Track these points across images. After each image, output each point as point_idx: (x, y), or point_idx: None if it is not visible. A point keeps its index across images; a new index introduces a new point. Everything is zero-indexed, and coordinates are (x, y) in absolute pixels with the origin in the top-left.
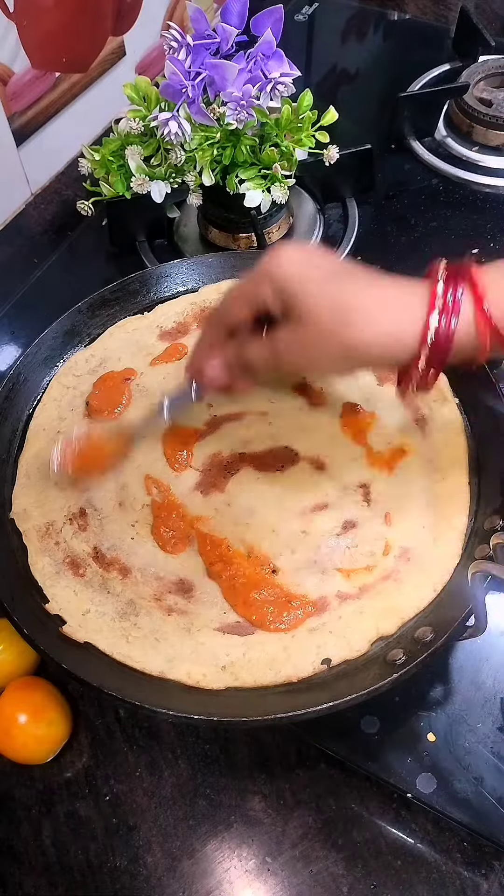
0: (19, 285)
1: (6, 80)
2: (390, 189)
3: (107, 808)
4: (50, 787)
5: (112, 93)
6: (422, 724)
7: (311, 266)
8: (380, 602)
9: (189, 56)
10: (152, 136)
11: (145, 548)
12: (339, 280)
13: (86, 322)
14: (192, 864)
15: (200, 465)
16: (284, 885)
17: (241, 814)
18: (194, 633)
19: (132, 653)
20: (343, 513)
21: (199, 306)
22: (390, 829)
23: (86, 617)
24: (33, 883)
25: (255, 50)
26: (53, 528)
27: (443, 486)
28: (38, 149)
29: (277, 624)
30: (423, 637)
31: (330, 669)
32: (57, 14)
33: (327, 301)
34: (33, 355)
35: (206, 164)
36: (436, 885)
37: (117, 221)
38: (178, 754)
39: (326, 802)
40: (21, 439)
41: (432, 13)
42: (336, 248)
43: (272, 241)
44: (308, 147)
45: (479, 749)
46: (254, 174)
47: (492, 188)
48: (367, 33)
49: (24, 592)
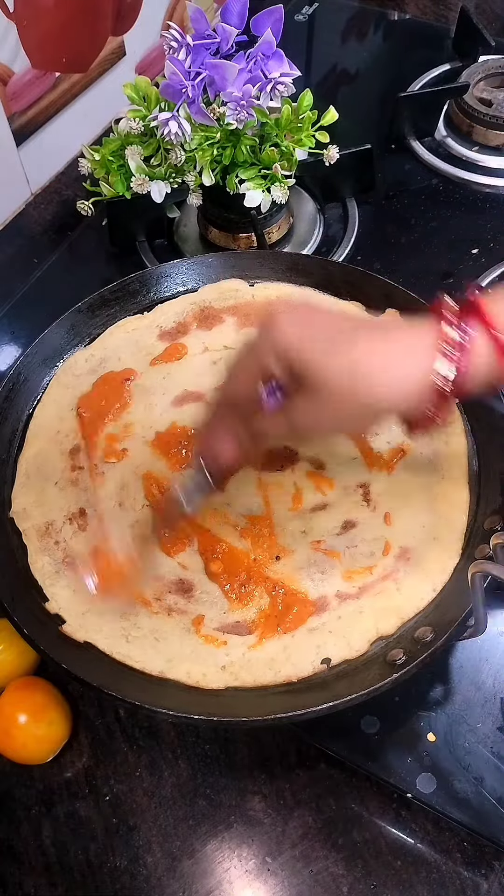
0: (19, 285)
1: (6, 80)
2: (390, 189)
3: (107, 808)
4: (50, 787)
5: (112, 93)
6: (422, 724)
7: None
8: (380, 602)
9: (189, 56)
10: (152, 136)
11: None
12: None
13: (86, 322)
14: (192, 864)
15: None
16: (284, 885)
17: (241, 814)
18: (194, 633)
19: (132, 652)
20: (343, 513)
21: (199, 306)
22: (390, 829)
23: (85, 616)
24: (33, 883)
25: (255, 50)
26: (53, 527)
27: (443, 486)
28: (38, 149)
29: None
30: (423, 637)
31: (330, 669)
32: (57, 14)
33: (340, 365)
34: (33, 355)
35: (206, 164)
36: (436, 885)
37: (117, 221)
38: (178, 754)
39: (326, 802)
40: (21, 439)
41: (432, 13)
42: (336, 248)
43: (272, 241)
44: (308, 147)
45: (479, 749)
46: (254, 174)
47: (492, 188)
48: (367, 33)
49: (23, 592)
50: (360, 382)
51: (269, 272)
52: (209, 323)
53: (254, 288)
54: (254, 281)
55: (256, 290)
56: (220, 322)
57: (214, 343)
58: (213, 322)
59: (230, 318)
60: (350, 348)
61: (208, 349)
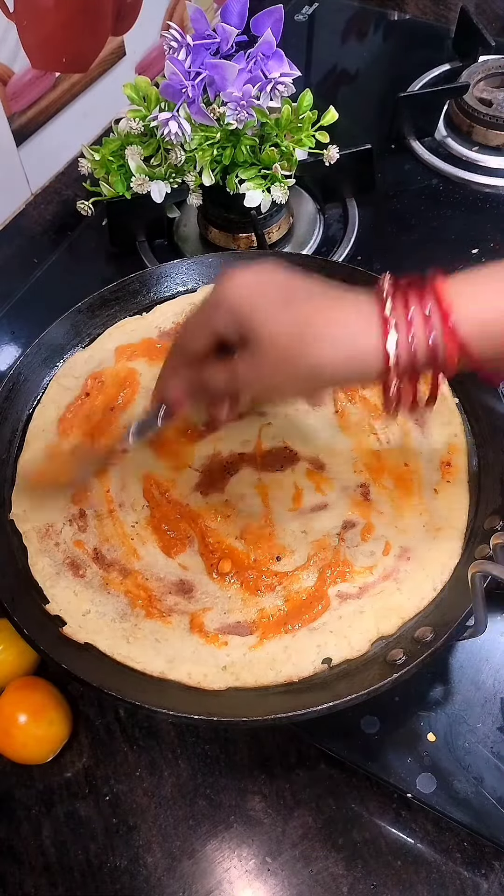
0: (19, 285)
1: (6, 80)
2: (390, 189)
3: (107, 808)
4: (50, 787)
5: (112, 93)
6: (422, 724)
7: (263, 289)
8: (380, 602)
9: (189, 56)
10: (152, 136)
11: (145, 548)
12: (295, 302)
13: (86, 322)
14: (192, 864)
15: (200, 466)
16: (284, 885)
17: (241, 814)
18: (195, 634)
19: (133, 653)
20: (343, 513)
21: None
22: (390, 829)
23: (86, 618)
24: (33, 883)
25: (255, 50)
26: (53, 529)
27: (443, 485)
28: (38, 149)
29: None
30: (423, 637)
31: (330, 669)
32: (57, 14)
33: (284, 326)
34: (33, 355)
35: (206, 164)
36: (436, 885)
37: (117, 221)
38: (178, 754)
39: (326, 802)
40: (21, 440)
41: (432, 13)
42: (336, 248)
43: (272, 241)
44: (308, 147)
45: (479, 749)
46: (254, 174)
47: (492, 188)
48: (367, 33)
49: (24, 593)
50: (304, 340)
51: None
52: None
53: None
54: None
55: None
56: None
57: None
58: None
59: None
60: (300, 309)
61: None
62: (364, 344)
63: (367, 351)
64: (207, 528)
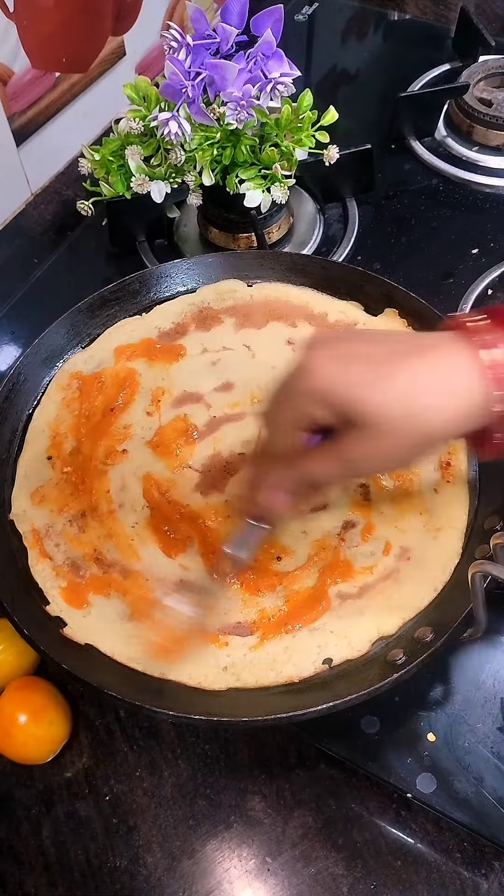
0: (19, 285)
1: (6, 80)
2: (390, 189)
3: (107, 808)
4: (50, 787)
5: (112, 93)
6: (422, 724)
7: (346, 363)
8: (380, 602)
9: (189, 56)
10: (152, 136)
11: (146, 549)
12: (382, 365)
13: (85, 322)
14: (192, 864)
15: (200, 466)
16: (284, 885)
17: (241, 814)
18: (195, 634)
19: (133, 654)
20: (343, 513)
21: (197, 307)
22: (390, 829)
23: (86, 619)
24: (33, 883)
25: (255, 50)
26: (53, 529)
27: (443, 485)
28: (38, 149)
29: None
30: (424, 637)
31: (331, 669)
32: (57, 14)
33: (389, 398)
34: (33, 355)
35: (206, 164)
36: (436, 885)
37: (117, 221)
38: (178, 754)
39: (326, 802)
40: (21, 440)
41: (432, 13)
42: (336, 248)
43: (272, 241)
44: (308, 147)
45: (479, 749)
46: (254, 174)
47: (492, 188)
48: (367, 33)
49: (24, 593)
50: (414, 413)
51: (269, 272)
52: (207, 324)
53: (252, 288)
54: (252, 281)
55: (255, 291)
56: (218, 323)
57: (213, 344)
58: (211, 323)
59: (228, 318)
60: (393, 376)
61: (207, 350)
62: (468, 399)
63: (471, 397)
64: (207, 529)
